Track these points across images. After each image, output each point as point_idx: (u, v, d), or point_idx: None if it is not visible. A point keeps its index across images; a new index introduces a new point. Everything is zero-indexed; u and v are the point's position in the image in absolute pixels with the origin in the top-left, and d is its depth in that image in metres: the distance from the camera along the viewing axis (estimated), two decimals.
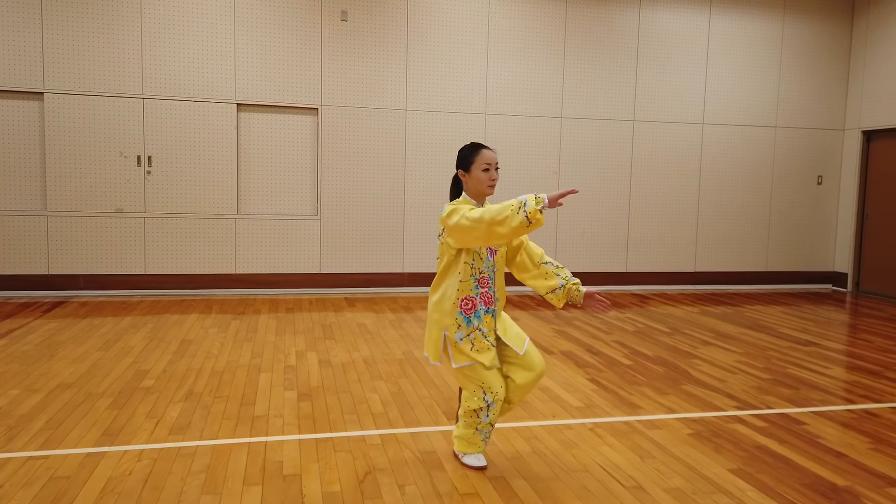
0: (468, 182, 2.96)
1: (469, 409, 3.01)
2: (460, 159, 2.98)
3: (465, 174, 2.96)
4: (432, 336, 2.99)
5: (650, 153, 8.59)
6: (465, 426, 3.07)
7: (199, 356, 4.93)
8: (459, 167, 2.98)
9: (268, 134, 7.62)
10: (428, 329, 3.03)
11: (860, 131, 8.90)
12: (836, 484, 3.03)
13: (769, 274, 9.10)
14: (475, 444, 3.10)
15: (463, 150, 2.99)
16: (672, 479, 3.04)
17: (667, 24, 8.49)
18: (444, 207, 2.92)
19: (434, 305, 2.99)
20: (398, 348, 5.33)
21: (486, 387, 2.94)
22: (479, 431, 3.06)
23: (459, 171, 2.98)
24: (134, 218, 7.27)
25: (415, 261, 8.01)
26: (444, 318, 2.94)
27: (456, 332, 2.92)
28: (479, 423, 3.03)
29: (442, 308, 2.95)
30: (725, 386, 4.53)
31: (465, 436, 3.09)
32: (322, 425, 3.62)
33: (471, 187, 2.96)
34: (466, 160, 2.95)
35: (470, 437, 3.08)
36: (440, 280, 2.99)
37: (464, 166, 2.95)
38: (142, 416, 3.69)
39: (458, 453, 3.17)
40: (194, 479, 2.93)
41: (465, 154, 2.97)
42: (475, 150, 2.94)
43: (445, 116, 7.98)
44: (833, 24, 8.97)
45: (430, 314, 3.02)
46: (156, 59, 7.20)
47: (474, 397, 2.97)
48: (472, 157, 2.93)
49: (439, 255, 3.00)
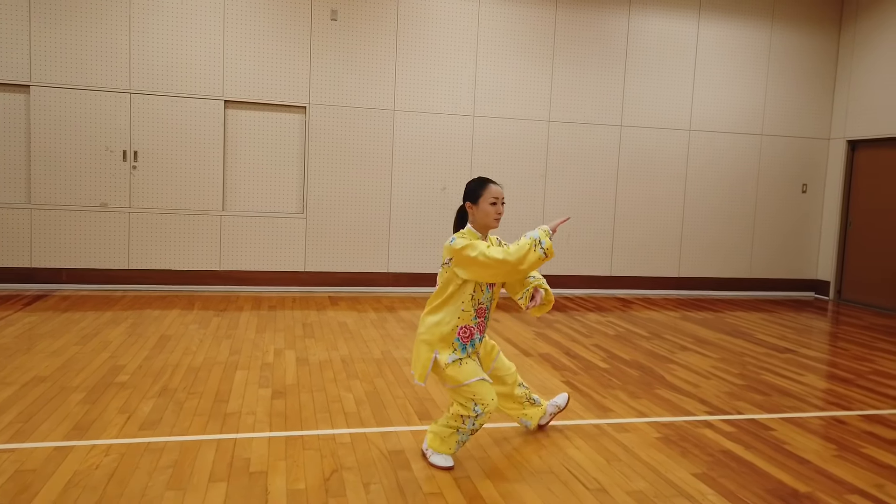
0: (475, 214, 3.05)
1: (456, 414, 3.07)
2: (468, 192, 3.07)
3: (472, 206, 3.05)
4: (421, 356, 3.07)
5: (637, 158, 8.64)
6: (446, 425, 3.12)
7: (177, 352, 4.93)
8: (467, 199, 3.07)
9: (255, 131, 7.62)
10: (416, 348, 3.10)
11: (845, 141, 8.98)
12: (797, 490, 3.07)
13: (753, 281, 9.16)
14: (449, 445, 3.13)
15: (471, 184, 3.08)
16: (636, 483, 3.07)
17: (655, 30, 8.54)
18: (452, 238, 3.01)
19: (430, 327, 3.06)
20: (377, 348, 5.35)
21: (478, 399, 3.03)
22: (458, 433, 3.11)
23: (467, 203, 3.07)
24: (119, 213, 7.27)
25: (400, 261, 8.04)
26: (439, 341, 3.04)
27: (449, 354, 3.04)
28: (461, 427, 3.08)
29: (439, 332, 3.04)
30: (698, 391, 4.57)
31: (442, 434, 3.12)
32: (293, 423, 3.63)
33: (477, 219, 3.06)
34: (475, 193, 3.04)
35: (447, 436, 3.12)
36: (441, 305, 3.06)
37: (472, 199, 3.04)
38: (114, 410, 3.69)
39: (426, 451, 3.19)
40: (160, 474, 2.94)
41: (473, 187, 3.06)
42: (484, 185, 3.03)
43: (433, 118, 8.01)
44: (820, 34, 9.04)
45: (422, 335, 3.08)
46: (144, 54, 7.20)
47: (466, 406, 3.05)
48: (480, 191, 3.02)
49: (442, 282, 3.07)
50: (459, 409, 3.06)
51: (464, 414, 3.04)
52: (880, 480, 3.21)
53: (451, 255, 3.00)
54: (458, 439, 3.12)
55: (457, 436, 3.11)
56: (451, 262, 3.01)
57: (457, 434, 3.11)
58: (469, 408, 3.03)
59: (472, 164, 8.14)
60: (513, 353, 5.37)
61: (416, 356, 3.10)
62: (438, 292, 3.09)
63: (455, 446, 3.14)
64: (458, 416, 3.07)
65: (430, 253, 8.11)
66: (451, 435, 3.11)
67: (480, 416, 3.04)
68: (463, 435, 3.12)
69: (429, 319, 3.08)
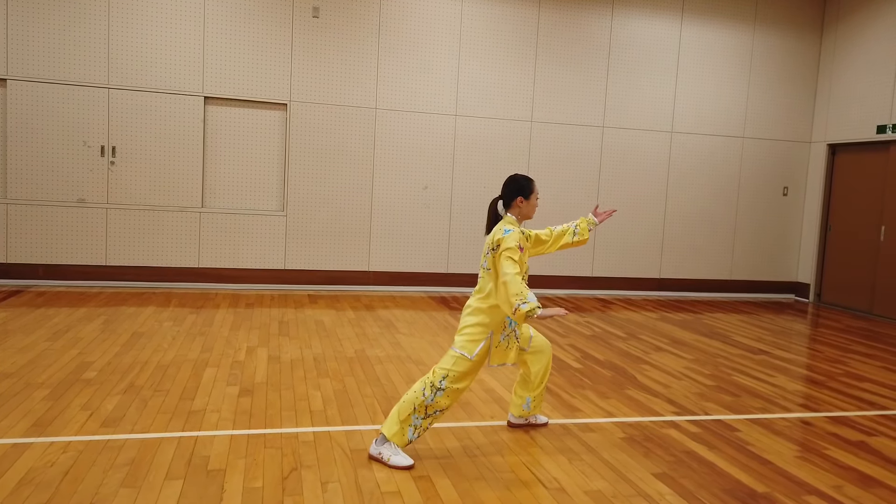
0: (523, 208, 3.33)
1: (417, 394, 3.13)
2: (521, 188, 3.32)
3: (524, 201, 3.33)
4: (475, 336, 3.20)
5: (619, 159, 8.66)
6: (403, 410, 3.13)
7: (148, 349, 4.90)
8: (519, 195, 3.32)
9: (235, 128, 7.59)
10: (471, 328, 3.21)
11: (826, 144, 9.03)
12: (755, 490, 3.08)
13: (733, 283, 9.21)
14: (404, 430, 3.13)
15: (523, 180, 3.34)
16: (595, 482, 3.08)
17: (639, 32, 8.57)
18: (507, 230, 3.20)
19: (488, 310, 3.21)
20: (351, 347, 5.34)
21: (452, 378, 3.14)
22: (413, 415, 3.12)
23: (519, 199, 3.31)
24: (96, 208, 7.21)
25: (381, 260, 8.02)
26: (495, 322, 3.22)
27: (501, 333, 3.26)
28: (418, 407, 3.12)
29: (498, 312, 3.20)
30: (668, 391, 4.58)
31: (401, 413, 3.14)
32: (258, 421, 3.61)
33: (523, 212, 3.34)
34: (527, 189, 3.33)
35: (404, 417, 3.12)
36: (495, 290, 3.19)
37: (525, 194, 3.33)
38: (76, 407, 3.66)
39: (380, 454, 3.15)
40: (117, 471, 2.92)
41: (525, 184, 3.34)
42: (532, 183, 3.35)
43: (415, 116, 7.99)
44: (802, 38, 9.09)
45: (476, 314, 3.22)
46: (123, 49, 7.15)
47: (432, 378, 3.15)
48: (531, 187, 3.35)
49: (491, 267, 3.22)
50: (440, 368, 3.17)
51: (432, 381, 3.13)
52: (839, 482, 3.23)
53: (498, 243, 3.20)
54: (412, 423, 3.13)
55: (411, 420, 3.13)
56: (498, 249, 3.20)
57: (412, 418, 3.12)
58: (437, 380, 3.14)
59: (454, 163, 8.13)
60: None
61: (469, 337, 3.20)
62: (490, 277, 3.22)
63: (409, 433, 3.13)
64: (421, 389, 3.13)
65: (411, 252, 8.11)
66: (409, 416, 3.12)
67: (439, 393, 3.12)
68: (417, 418, 3.13)
69: (488, 302, 3.21)
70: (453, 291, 8.18)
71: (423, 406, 3.13)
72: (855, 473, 3.34)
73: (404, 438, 3.14)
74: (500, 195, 3.38)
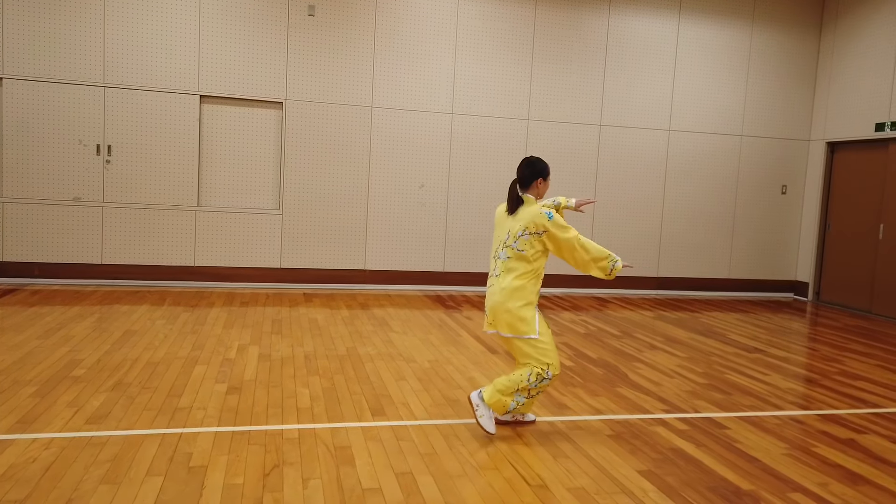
0: (541, 188, 3.60)
1: (522, 378, 3.41)
2: (541, 170, 3.58)
3: (544, 181, 3.60)
4: (527, 316, 3.42)
5: (616, 158, 8.63)
6: (509, 386, 3.42)
7: (139, 347, 4.90)
8: (540, 176, 3.57)
9: (231, 127, 7.59)
10: (514, 310, 3.42)
11: (825, 142, 8.99)
12: (740, 488, 3.06)
13: (732, 281, 9.16)
14: (505, 403, 3.44)
15: (541, 163, 3.59)
16: (579, 479, 3.06)
17: (636, 30, 8.53)
18: (549, 213, 3.42)
19: (525, 290, 3.44)
20: (343, 345, 5.33)
21: (552, 367, 3.44)
22: (517, 394, 3.43)
23: (539, 180, 3.57)
24: (92, 207, 7.23)
25: (377, 258, 8.01)
26: (535, 300, 3.49)
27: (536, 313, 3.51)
28: (523, 388, 3.43)
29: (526, 296, 3.45)
30: (659, 389, 4.56)
31: (506, 390, 3.42)
32: (244, 418, 3.61)
33: (540, 192, 3.61)
34: (546, 170, 3.61)
35: (508, 393, 3.43)
36: (528, 271, 3.46)
37: (545, 175, 3.60)
38: (63, 404, 3.66)
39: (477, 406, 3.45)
40: (97, 468, 2.92)
41: (544, 165, 3.61)
42: (548, 165, 3.62)
43: (412, 115, 7.98)
44: (801, 36, 9.05)
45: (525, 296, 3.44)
46: (118, 48, 7.16)
47: (534, 371, 3.41)
48: (548, 169, 3.62)
49: (525, 249, 3.44)
50: (524, 376, 3.41)
51: (538, 371, 3.41)
52: (825, 479, 3.20)
53: (547, 229, 3.41)
54: (516, 399, 3.44)
55: (513, 398, 3.43)
56: (545, 235, 3.42)
57: (513, 396, 3.43)
58: (541, 371, 3.42)
59: (450, 161, 8.12)
60: (479, 349, 5.35)
61: (520, 317, 3.40)
62: (524, 259, 3.44)
63: (511, 405, 3.45)
64: (527, 374, 3.41)
65: (407, 250, 8.09)
66: (511, 395, 3.43)
67: (545, 381, 3.44)
68: (521, 396, 3.45)
69: (518, 285, 3.43)
70: (449, 290, 8.16)
71: (527, 389, 3.44)
72: (842, 471, 3.31)
73: (504, 408, 3.45)
74: (516, 177, 3.58)
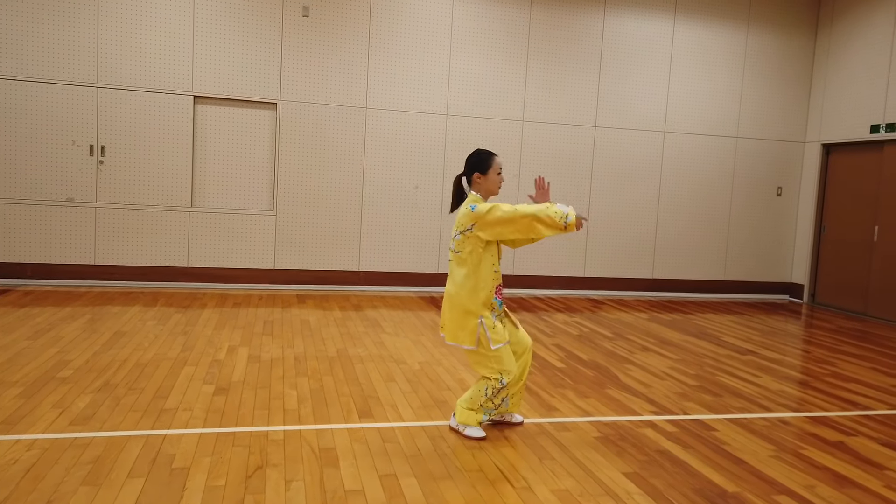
0: (482, 183, 3.36)
1: (479, 393, 3.40)
2: (476, 163, 3.36)
3: (481, 176, 3.36)
4: (467, 325, 3.31)
5: (611, 159, 8.62)
6: (472, 399, 3.43)
7: (128, 348, 4.89)
8: (475, 170, 3.36)
9: (225, 127, 7.58)
10: (458, 318, 3.33)
11: (820, 144, 8.98)
12: (725, 490, 3.05)
13: (727, 283, 9.15)
14: (477, 418, 3.47)
15: (478, 156, 3.37)
16: (564, 481, 3.04)
17: (631, 31, 8.53)
18: (473, 206, 3.26)
19: (468, 296, 3.31)
20: (334, 346, 5.32)
21: (505, 372, 3.35)
22: (482, 409, 3.45)
23: (475, 174, 3.36)
24: (85, 208, 7.21)
25: (371, 260, 8.00)
26: (481, 306, 3.31)
27: (492, 314, 3.35)
28: (485, 404, 3.43)
29: (478, 297, 3.31)
30: (649, 391, 4.54)
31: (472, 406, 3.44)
32: (229, 420, 3.59)
33: (483, 188, 3.38)
34: (484, 164, 3.35)
35: (476, 409, 3.44)
36: (473, 272, 3.31)
37: (481, 169, 3.36)
38: (48, 405, 3.65)
39: (458, 426, 3.50)
40: (79, 469, 2.90)
41: (482, 159, 3.37)
42: (491, 157, 3.37)
43: (406, 116, 7.97)
44: (796, 38, 9.04)
45: (463, 302, 3.32)
46: (112, 48, 7.15)
47: (490, 382, 3.36)
48: (489, 162, 3.36)
49: (466, 252, 3.31)
50: (482, 388, 3.38)
51: (491, 377, 3.34)
52: (812, 481, 3.19)
53: (474, 220, 3.24)
54: (485, 413, 3.47)
55: (482, 411, 3.46)
56: (475, 227, 3.25)
57: (482, 410, 3.45)
58: (496, 380, 3.35)
59: (445, 163, 8.11)
60: None
61: (460, 326, 3.33)
62: (462, 262, 3.32)
63: (483, 418, 3.48)
64: (484, 390, 3.37)
65: (402, 252, 8.08)
66: (479, 410, 3.45)
67: (503, 389, 3.38)
68: (488, 412, 3.46)
69: (465, 287, 3.31)
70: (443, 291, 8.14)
71: (490, 401, 3.42)
72: (829, 473, 3.30)
73: (478, 420, 3.47)
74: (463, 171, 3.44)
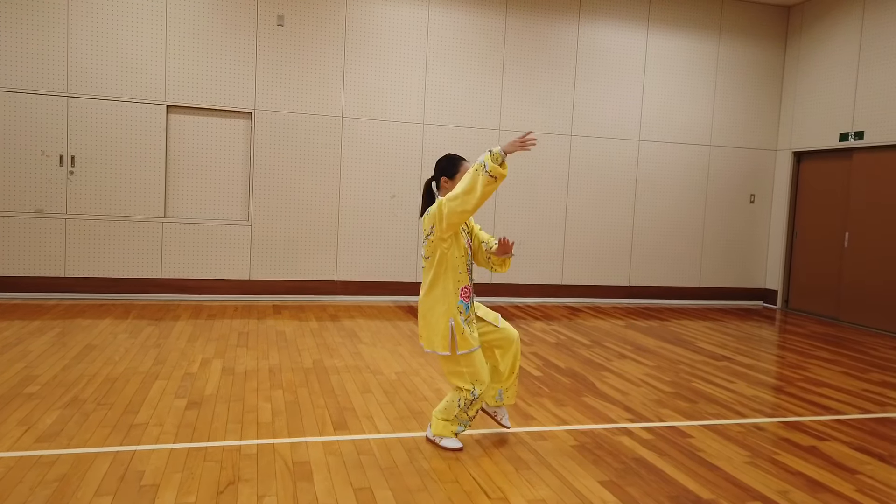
0: (450, 188, 3.28)
1: (453, 404, 3.37)
2: (444, 168, 3.32)
3: (448, 181, 3.31)
4: (439, 329, 3.25)
5: (586, 167, 8.69)
6: (446, 410, 3.40)
7: (98, 362, 4.79)
8: (443, 175, 3.32)
9: (199, 137, 7.50)
10: (432, 323, 3.28)
11: (791, 152, 9.14)
12: (700, 497, 3.06)
13: (702, 290, 9.25)
14: (452, 429, 3.43)
15: (446, 161, 3.34)
16: (540, 490, 3.03)
17: (605, 41, 8.62)
18: (429, 210, 3.23)
19: (438, 299, 3.26)
20: (309, 357, 5.26)
21: (477, 382, 3.31)
22: (457, 420, 3.41)
23: (443, 179, 3.32)
24: (55, 219, 7.08)
25: (348, 269, 7.95)
26: (451, 308, 3.24)
27: (461, 318, 3.27)
28: (459, 413, 3.38)
29: (447, 300, 3.25)
30: (626, 398, 4.55)
31: (446, 417, 3.41)
32: (201, 434, 3.53)
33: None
34: (452, 169, 3.31)
35: (450, 420, 3.41)
36: (438, 275, 3.26)
37: (449, 174, 3.31)
38: (13, 422, 3.55)
39: (434, 437, 3.46)
40: (44, 488, 2.82)
41: (449, 163, 3.33)
42: (459, 161, 3.33)
43: (383, 125, 7.96)
44: (767, 48, 9.21)
45: (433, 307, 3.27)
46: (82, 56, 7.05)
47: (462, 393, 3.33)
48: (458, 166, 3.31)
49: (431, 255, 3.26)
50: (456, 399, 3.35)
51: (463, 388, 3.30)
52: (786, 487, 3.21)
53: (433, 221, 3.19)
54: (460, 424, 3.42)
55: (457, 422, 3.41)
56: (436, 226, 3.19)
57: (456, 421, 3.41)
58: (468, 391, 3.32)
59: (422, 171, 8.10)
60: None
61: (434, 330, 3.27)
62: (430, 266, 3.28)
63: (458, 429, 3.43)
64: (457, 401, 3.34)
65: (379, 261, 8.05)
66: (453, 421, 3.40)
67: (476, 401, 3.35)
68: (463, 423, 3.41)
69: (435, 292, 3.27)
70: None
71: (464, 413, 3.39)
72: (803, 478, 3.33)
73: (454, 431, 3.43)
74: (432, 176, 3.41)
